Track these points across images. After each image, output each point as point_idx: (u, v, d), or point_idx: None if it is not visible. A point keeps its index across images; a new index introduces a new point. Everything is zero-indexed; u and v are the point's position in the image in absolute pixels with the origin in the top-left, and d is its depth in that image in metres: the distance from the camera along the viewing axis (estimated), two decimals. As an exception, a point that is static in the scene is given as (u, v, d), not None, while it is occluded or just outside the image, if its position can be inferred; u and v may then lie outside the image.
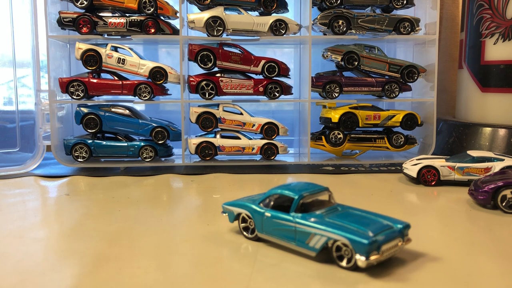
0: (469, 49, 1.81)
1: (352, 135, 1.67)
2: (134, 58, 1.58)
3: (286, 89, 1.64)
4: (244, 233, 0.93)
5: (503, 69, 1.68)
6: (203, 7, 1.60)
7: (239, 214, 0.94)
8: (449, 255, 0.84)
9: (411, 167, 1.39)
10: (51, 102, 1.57)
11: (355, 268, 0.76)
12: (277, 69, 1.61)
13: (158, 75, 1.57)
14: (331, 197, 0.91)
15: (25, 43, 1.61)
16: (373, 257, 0.74)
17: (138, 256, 0.84)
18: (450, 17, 2.11)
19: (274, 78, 1.62)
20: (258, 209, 0.89)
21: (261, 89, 1.62)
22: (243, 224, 0.93)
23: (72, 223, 1.05)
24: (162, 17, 1.59)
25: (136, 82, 1.58)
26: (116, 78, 1.60)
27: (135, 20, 1.55)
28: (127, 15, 1.57)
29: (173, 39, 1.62)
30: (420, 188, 1.35)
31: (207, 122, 1.61)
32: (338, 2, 1.61)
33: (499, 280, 0.75)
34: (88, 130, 1.60)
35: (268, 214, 0.87)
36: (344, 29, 1.60)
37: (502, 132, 1.63)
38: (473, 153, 1.38)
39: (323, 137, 1.67)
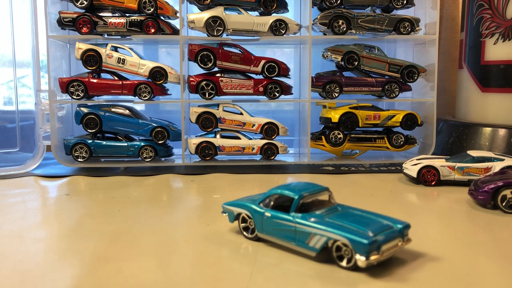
0: (469, 49, 1.81)
1: (352, 135, 1.67)
2: (134, 58, 1.58)
3: (286, 89, 1.64)
4: (244, 233, 0.93)
5: (503, 69, 1.68)
6: (203, 7, 1.60)
7: (239, 214, 0.94)
8: (449, 255, 0.84)
9: (411, 167, 1.39)
10: (51, 102, 1.57)
11: (355, 268, 0.76)
12: (277, 69, 1.61)
13: (158, 75, 1.57)
14: (331, 197, 0.91)
15: (25, 43, 1.61)
16: (373, 257, 0.74)
17: (138, 256, 0.84)
18: (450, 17, 2.11)
19: (274, 78, 1.62)
20: (258, 209, 0.89)
21: (261, 89, 1.62)
22: (243, 224, 0.93)
23: (72, 223, 1.05)
24: (162, 17, 1.59)
25: (136, 82, 1.58)
26: (116, 78, 1.60)
27: (135, 20, 1.55)
28: (127, 15, 1.57)
29: (173, 39, 1.62)
30: (420, 188, 1.35)
31: (207, 122, 1.61)
32: (338, 2, 1.61)
33: (499, 280, 0.75)
34: (88, 130, 1.59)
35: (268, 214, 0.87)
36: (344, 29, 1.60)
37: (502, 132, 1.63)
38: (473, 153, 1.38)
39: (323, 137, 1.67)
